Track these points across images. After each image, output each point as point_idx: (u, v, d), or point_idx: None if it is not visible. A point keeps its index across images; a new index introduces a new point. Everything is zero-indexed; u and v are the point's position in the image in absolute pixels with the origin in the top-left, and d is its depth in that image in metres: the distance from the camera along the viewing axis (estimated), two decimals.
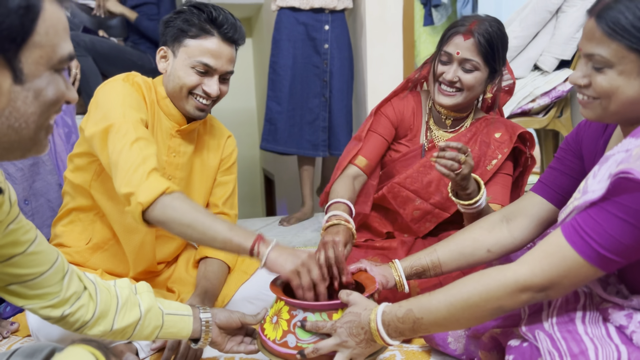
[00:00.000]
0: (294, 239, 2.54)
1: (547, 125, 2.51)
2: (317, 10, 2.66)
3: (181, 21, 1.38)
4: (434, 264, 1.24)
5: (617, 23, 0.87)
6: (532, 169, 1.61)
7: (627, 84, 0.89)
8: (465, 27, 1.45)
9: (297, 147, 2.77)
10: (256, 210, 6.91)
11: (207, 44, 1.37)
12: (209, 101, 1.43)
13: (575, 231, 0.88)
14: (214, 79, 1.40)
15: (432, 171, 1.56)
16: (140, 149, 1.22)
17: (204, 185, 1.58)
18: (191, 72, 1.38)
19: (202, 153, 1.57)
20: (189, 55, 1.38)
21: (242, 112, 6.84)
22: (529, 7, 2.48)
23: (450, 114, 1.58)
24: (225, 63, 1.40)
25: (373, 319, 1.00)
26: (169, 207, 1.14)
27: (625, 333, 0.90)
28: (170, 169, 1.49)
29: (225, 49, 1.39)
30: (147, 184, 1.16)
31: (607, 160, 0.89)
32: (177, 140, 1.49)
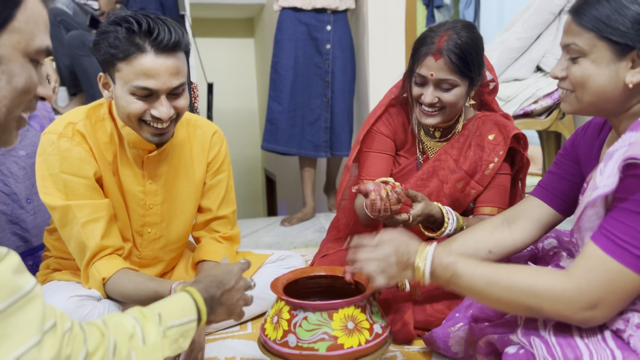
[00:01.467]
0: (295, 239, 2.54)
1: (550, 127, 2.51)
2: (319, 10, 2.66)
3: (106, 44, 1.19)
4: None
5: (589, 15, 0.94)
6: (528, 168, 1.60)
7: (599, 72, 0.95)
8: (434, 46, 1.37)
9: (299, 148, 2.77)
10: (257, 210, 6.91)
11: (140, 63, 1.18)
12: (165, 123, 1.26)
13: (608, 239, 0.87)
14: (160, 100, 1.22)
15: (430, 183, 1.55)
16: (89, 235, 1.29)
17: (191, 198, 1.50)
18: (132, 99, 1.21)
19: (186, 165, 1.47)
20: (124, 80, 1.20)
21: (244, 112, 6.84)
22: (531, 8, 2.48)
23: (438, 125, 1.54)
24: (167, 79, 1.21)
25: (423, 252, 1.02)
26: (114, 294, 1.33)
27: (621, 337, 0.90)
28: (149, 197, 1.41)
29: (163, 63, 1.19)
30: (92, 281, 1.33)
31: (612, 156, 0.91)
32: (151, 165, 1.38)
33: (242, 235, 2.63)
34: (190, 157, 1.48)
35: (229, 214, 1.57)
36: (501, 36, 2.60)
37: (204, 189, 1.53)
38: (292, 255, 1.70)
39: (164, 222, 1.46)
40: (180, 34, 1.22)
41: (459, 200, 1.55)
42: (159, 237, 1.47)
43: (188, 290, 0.93)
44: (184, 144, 1.46)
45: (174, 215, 1.48)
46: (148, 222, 1.44)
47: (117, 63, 1.20)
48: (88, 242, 1.30)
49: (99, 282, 1.32)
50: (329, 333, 1.07)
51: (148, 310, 0.83)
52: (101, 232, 1.31)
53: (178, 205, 1.48)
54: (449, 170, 1.53)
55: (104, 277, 1.31)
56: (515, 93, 2.46)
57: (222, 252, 1.53)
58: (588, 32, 0.94)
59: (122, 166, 1.37)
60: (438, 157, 1.55)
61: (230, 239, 1.58)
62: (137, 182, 1.39)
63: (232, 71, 6.72)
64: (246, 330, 1.53)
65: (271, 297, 1.52)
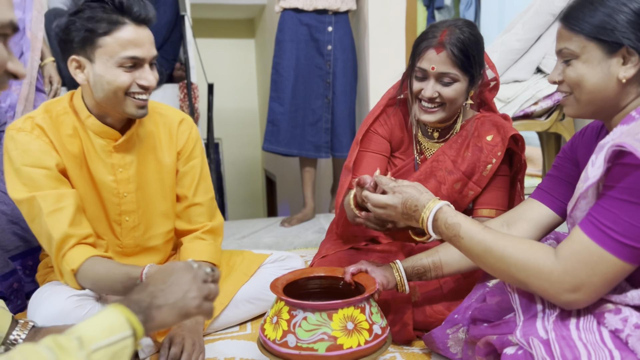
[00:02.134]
0: (295, 239, 2.54)
1: (550, 128, 2.51)
2: (321, 11, 2.67)
3: (85, 21, 1.24)
4: (435, 264, 1.25)
5: (577, 18, 0.99)
6: (525, 169, 1.60)
7: (591, 72, 0.99)
8: (436, 39, 1.36)
9: (300, 149, 2.77)
10: (257, 210, 6.91)
11: (124, 34, 1.25)
12: (147, 95, 1.33)
13: (593, 225, 0.90)
14: (145, 69, 1.30)
15: (428, 184, 1.54)
16: (54, 224, 1.29)
17: (165, 185, 1.51)
18: (120, 71, 1.27)
19: (155, 151, 1.49)
20: (109, 54, 1.25)
21: (244, 113, 6.85)
22: (531, 9, 2.48)
23: (436, 125, 1.53)
24: (149, 48, 1.30)
25: (430, 207, 1.07)
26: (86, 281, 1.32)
27: (620, 337, 0.90)
28: (122, 186, 1.43)
29: (143, 33, 1.28)
30: (64, 271, 1.31)
31: (602, 148, 0.93)
32: (119, 154, 1.41)
33: (242, 235, 2.65)
34: (160, 145, 1.49)
35: (205, 200, 1.56)
36: (501, 37, 2.60)
37: (178, 176, 1.53)
38: (292, 257, 1.70)
39: (141, 209, 1.47)
40: (151, 10, 1.30)
41: (457, 202, 1.55)
42: (137, 224, 1.48)
43: (111, 306, 0.79)
44: (152, 132, 1.48)
45: (150, 202, 1.49)
46: (125, 211, 1.45)
47: (98, 39, 1.25)
48: (53, 231, 1.29)
49: (70, 275, 1.31)
50: (328, 333, 1.07)
51: (64, 338, 0.71)
52: (67, 220, 1.30)
53: (152, 192, 1.49)
54: (446, 171, 1.53)
55: (73, 269, 1.30)
56: (515, 94, 2.46)
57: (205, 249, 1.52)
58: (577, 35, 0.99)
59: (90, 157, 1.38)
60: (436, 158, 1.54)
61: (211, 231, 1.57)
62: (107, 172, 1.40)
63: (232, 72, 6.72)
64: (245, 331, 1.53)
65: (270, 298, 1.53)
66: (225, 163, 6.78)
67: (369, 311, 1.13)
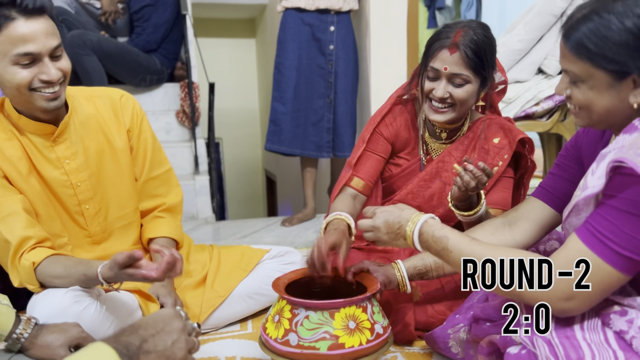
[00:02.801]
0: (296, 239, 2.54)
1: (551, 129, 2.51)
2: (323, 11, 2.67)
3: None
4: (437, 264, 1.25)
5: (581, 44, 0.93)
6: (534, 171, 1.60)
7: (599, 97, 0.95)
8: (450, 40, 1.36)
9: (302, 148, 2.77)
10: (258, 210, 6.91)
11: (14, 30, 1.18)
12: (55, 86, 1.26)
13: (591, 234, 0.89)
14: (45, 64, 1.23)
15: (433, 184, 1.54)
16: (7, 229, 1.27)
17: (121, 165, 1.49)
18: (16, 69, 1.21)
19: (104, 134, 1.46)
20: (2, 53, 1.20)
21: (245, 112, 6.85)
22: (533, 10, 2.48)
23: (445, 126, 1.54)
24: (45, 40, 1.21)
25: (415, 220, 1.06)
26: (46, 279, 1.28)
27: (624, 339, 0.90)
28: (73, 176, 1.41)
29: (36, 26, 1.20)
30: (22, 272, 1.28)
31: (604, 157, 0.92)
32: (61, 146, 1.38)
33: (242, 235, 2.65)
34: (107, 126, 1.47)
35: (160, 174, 1.56)
36: (503, 38, 2.60)
37: (132, 154, 1.52)
38: (291, 251, 1.69)
39: (98, 195, 1.46)
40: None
41: None
42: (99, 209, 1.47)
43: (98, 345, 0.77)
44: (93, 117, 1.45)
45: (107, 186, 1.47)
46: (83, 200, 1.44)
47: None
48: (9, 236, 1.26)
49: (29, 269, 1.27)
50: (330, 332, 1.07)
51: None
52: (21, 224, 1.28)
53: (107, 175, 1.47)
54: (452, 172, 1.53)
55: (34, 262, 1.27)
56: (517, 95, 2.46)
57: (164, 227, 1.54)
58: (582, 61, 0.94)
59: (34, 156, 1.36)
60: (442, 159, 1.54)
61: (169, 210, 1.57)
62: (54, 167, 1.38)
63: (233, 71, 6.73)
64: (247, 330, 1.53)
65: (270, 293, 1.53)
66: (226, 163, 6.78)
67: (371, 310, 1.13)
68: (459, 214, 1.38)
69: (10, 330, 1.17)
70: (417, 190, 1.56)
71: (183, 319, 0.86)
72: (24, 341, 1.17)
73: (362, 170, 1.57)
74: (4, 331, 1.16)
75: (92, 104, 1.46)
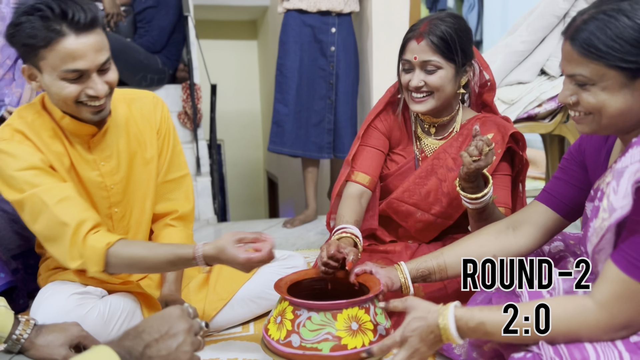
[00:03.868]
0: (298, 241, 2.54)
1: (554, 131, 2.51)
2: (324, 13, 2.67)
3: (22, 35, 1.19)
4: (440, 267, 1.25)
5: (591, 44, 0.90)
6: (527, 169, 1.60)
7: (612, 98, 0.92)
8: (416, 31, 1.43)
9: (303, 149, 2.77)
10: (259, 212, 6.92)
11: (63, 47, 1.18)
12: (101, 100, 1.28)
13: (629, 262, 0.88)
14: (93, 79, 1.24)
15: (429, 181, 1.55)
16: (64, 212, 1.24)
17: (149, 170, 1.49)
18: (64, 84, 1.22)
19: (136, 138, 1.47)
20: (52, 67, 1.20)
21: (247, 114, 6.86)
22: (536, 11, 2.48)
23: (432, 120, 1.56)
24: (94, 56, 1.21)
25: (445, 323, 0.98)
26: (118, 261, 1.25)
27: (630, 339, 0.90)
28: (107, 178, 1.42)
29: (85, 41, 1.19)
30: (89, 252, 1.24)
31: (623, 174, 0.90)
32: (98, 148, 1.40)
33: None
34: (139, 131, 1.47)
35: (177, 177, 1.55)
36: (505, 39, 2.59)
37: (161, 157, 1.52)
38: (294, 255, 1.69)
39: (126, 198, 1.47)
40: (95, 10, 1.22)
41: (457, 199, 1.55)
42: (124, 213, 1.48)
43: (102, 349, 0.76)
44: (128, 120, 1.46)
45: (134, 190, 1.48)
46: (113, 203, 1.45)
47: (40, 51, 1.20)
48: (66, 218, 1.24)
49: (101, 250, 1.23)
50: (332, 333, 1.07)
51: None
52: (78, 207, 1.27)
53: (136, 179, 1.48)
54: (447, 168, 1.53)
55: (109, 242, 1.24)
56: (519, 96, 2.46)
57: (176, 236, 1.52)
58: (593, 62, 0.91)
59: (73, 156, 1.37)
60: (437, 156, 1.55)
61: (181, 218, 1.56)
62: (90, 168, 1.39)
63: (235, 73, 6.73)
64: (248, 332, 1.53)
65: (273, 297, 1.52)
66: (228, 164, 6.78)
67: (374, 312, 1.13)
68: (467, 200, 1.37)
69: (9, 332, 1.17)
70: (414, 187, 1.56)
71: (189, 319, 0.85)
72: (24, 342, 1.17)
73: (365, 165, 1.59)
74: (3, 332, 1.16)
75: (128, 108, 1.47)
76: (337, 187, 1.60)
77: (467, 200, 1.37)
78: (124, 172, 1.45)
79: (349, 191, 1.56)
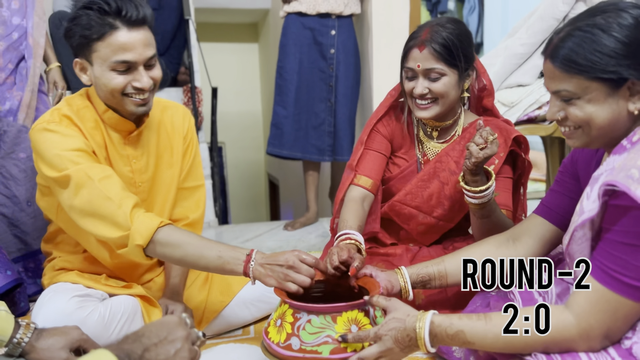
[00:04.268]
0: (298, 243, 2.54)
1: (554, 133, 2.51)
2: (324, 15, 2.67)
3: (79, 28, 1.29)
4: (441, 274, 1.26)
5: (570, 59, 0.93)
6: (530, 171, 1.60)
7: (599, 109, 0.94)
8: (418, 39, 1.44)
9: (303, 152, 2.77)
10: (260, 214, 6.92)
11: (115, 39, 1.28)
12: (145, 94, 1.36)
13: (603, 272, 0.90)
14: (139, 72, 1.33)
15: (431, 184, 1.55)
16: (108, 188, 1.27)
17: (174, 170, 1.55)
18: (113, 74, 1.31)
19: (165, 141, 1.54)
20: (103, 58, 1.30)
21: (248, 117, 6.87)
22: (535, 14, 2.48)
23: (435, 124, 1.57)
24: (143, 50, 1.31)
25: (421, 327, 1.00)
26: (163, 242, 1.25)
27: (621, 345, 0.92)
28: (137, 175, 1.48)
29: (136, 36, 1.30)
30: (139, 224, 1.24)
31: (597, 180, 0.93)
32: (132, 146, 1.46)
33: (245, 239, 2.65)
34: (168, 136, 1.54)
35: (193, 186, 1.59)
36: (505, 42, 2.60)
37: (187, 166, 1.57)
38: None
39: (150, 197, 1.52)
40: (147, 10, 1.32)
41: (459, 202, 1.55)
42: None
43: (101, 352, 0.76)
44: (160, 124, 1.54)
45: (157, 191, 1.53)
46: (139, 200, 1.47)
47: (93, 44, 1.29)
48: (110, 193, 1.27)
49: (152, 226, 1.24)
50: (332, 336, 1.07)
51: None
52: (120, 185, 1.31)
53: (161, 181, 1.53)
54: (449, 171, 1.54)
55: (162, 221, 1.26)
56: (519, 99, 2.46)
57: None
58: (575, 76, 0.94)
59: (110, 149, 1.43)
60: (439, 159, 1.56)
61: (191, 225, 1.59)
62: (123, 163, 1.45)
63: (236, 76, 6.74)
64: (249, 335, 1.53)
65: (273, 300, 1.53)
66: (229, 166, 6.79)
67: (373, 314, 1.13)
68: (471, 193, 1.37)
69: (10, 335, 1.18)
70: (416, 190, 1.57)
71: (187, 327, 0.86)
72: (25, 345, 1.18)
73: (367, 169, 1.59)
74: (4, 336, 1.17)
75: (161, 113, 1.55)
76: (342, 193, 1.60)
77: (470, 195, 1.37)
78: (151, 172, 1.50)
79: (351, 194, 1.56)
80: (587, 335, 0.91)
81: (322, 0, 2.64)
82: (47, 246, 1.56)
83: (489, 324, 0.96)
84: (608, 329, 0.90)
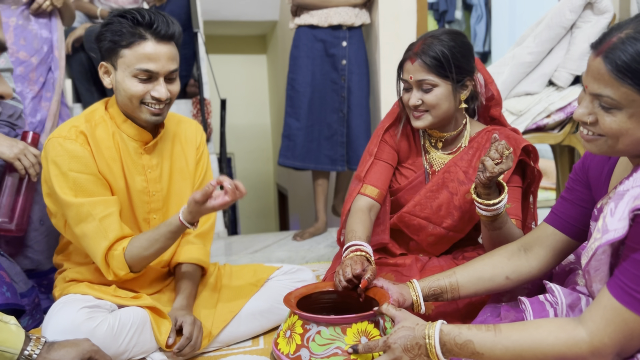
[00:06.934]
0: (307, 254, 2.54)
1: (563, 141, 2.49)
2: (335, 27, 2.69)
3: (111, 33, 1.36)
4: (452, 286, 1.24)
5: (627, 66, 0.83)
6: (540, 180, 1.59)
7: (637, 127, 0.87)
8: (411, 52, 1.48)
9: (315, 163, 2.78)
10: (270, 225, 6.92)
11: (142, 49, 1.36)
12: (162, 105, 1.42)
13: (624, 291, 0.87)
14: (159, 83, 1.39)
15: (440, 195, 1.55)
16: (104, 229, 1.38)
17: (186, 184, 1.60)
18: (134, 81, 1.38)
19: (179, 153, 1.59)
20: (127, 65, 1.37)
21: (257, 128, 6.90)
22: (543, 23, 2.48)
23: (438, 135, 1.58)
24: (166, 63, 1.39)
25: (431, 335, 1.00)
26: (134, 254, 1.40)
27: None
28: (151, 185, 1.52)
29: (162, 49, 1.37)
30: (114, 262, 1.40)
31: (623, 196, 0.88)
32: (149, 156, 1.51)
33: (254, 250, 2.65)
34: (182, 148, 1.60)
35: None
36: (513, 51, 2.60)
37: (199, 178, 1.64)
38: (303, 269, 1.70)
39: (165, 207, 1.56)
40: (176, 28, 1.40)
41: (469, 212, 1.54)
42: (161, 221, 1.53)
43: None
44: (175, 137, 1.60)
45: (171, 201, 1.57)
46: (153, 209, 1.54)
47: (120, 50, 1.37)
48: (108, 234, 1.38)
49: (120, 256, 1.39)
50: (342, 348, 1.07)
51: None
52: (117, 224, 1.40)
53: (175, 192, 1.58)
54: (458, 182, 1.53)
55: (123, 247, 1.39)
56: (528, 107, 2.45)
57: (195, 253, 1.59)
58: (625, 86, 0.84)
59: (125, 161, 1.47)
60: (447, 169, 1.55)
61: (201, 235, 1.62)
62: (138, 172, 1.50)
63: (244, 87, 6.79)
64: (258, 346, 1.52)
65: (282, 312, 1.52)
66: (238, 177, 6.81)
67: (383, 326, 1.13)
68: (483, 206, 1.35)
69: (21, 349, 1.19)
70: (425, 201, 1.57)
71: None
72: (36, 358, 1.19)
73: (374, 178, 1.60)
74: (15, 350, 1.18)
75: (176, 126, 1.62)
76: (349, 204, 1.60)
77: (482, 207, 1.36)
78: (165, 182, 1.55)
79: (358, 204, 1.57)
80: (599, 353, 0.88)
81: (334, 12, 2.66)
82: (59, 257, 1.59)
83: (499, 336, 0.95)
84: (621, 349, 0.88)
